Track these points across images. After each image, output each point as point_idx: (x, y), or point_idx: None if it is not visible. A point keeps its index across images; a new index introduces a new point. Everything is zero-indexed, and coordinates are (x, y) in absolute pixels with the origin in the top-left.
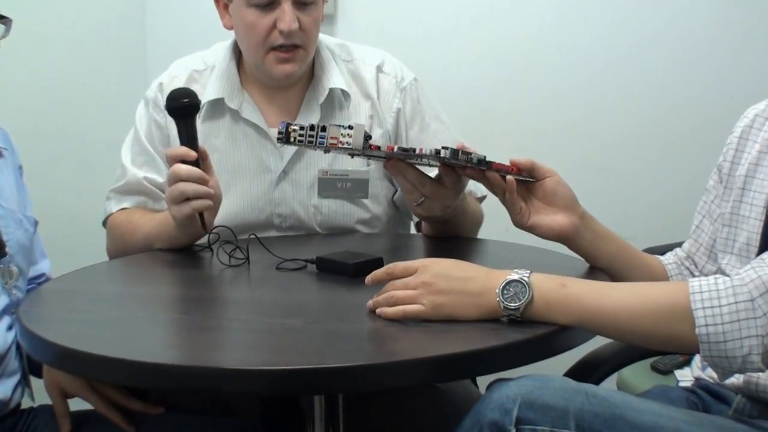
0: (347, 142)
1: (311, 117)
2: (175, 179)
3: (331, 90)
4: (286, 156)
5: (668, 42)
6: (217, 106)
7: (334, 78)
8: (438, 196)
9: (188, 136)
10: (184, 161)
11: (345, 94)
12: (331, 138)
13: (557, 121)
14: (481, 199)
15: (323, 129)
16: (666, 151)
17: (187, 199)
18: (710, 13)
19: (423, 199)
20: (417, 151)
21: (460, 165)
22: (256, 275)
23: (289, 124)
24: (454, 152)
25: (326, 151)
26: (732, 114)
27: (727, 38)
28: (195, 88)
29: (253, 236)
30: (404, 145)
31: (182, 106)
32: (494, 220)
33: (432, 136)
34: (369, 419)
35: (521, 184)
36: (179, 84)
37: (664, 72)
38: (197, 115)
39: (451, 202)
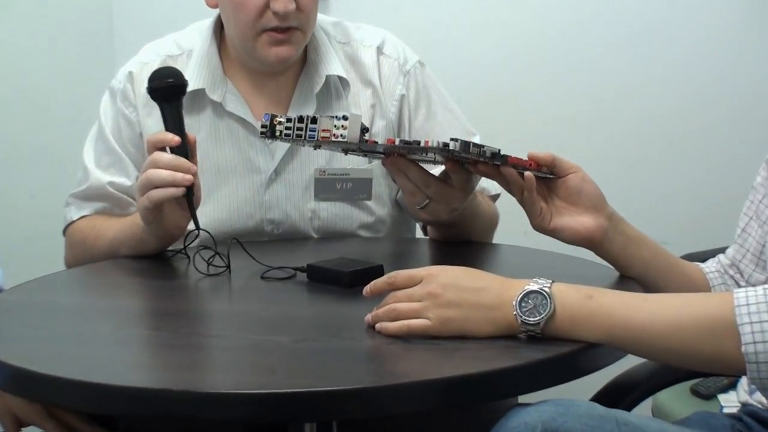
0: (341, 135)
1: (306, 108)
2: (149, 166)
3: (327, 77)
4: (278, 154)
5: (712, 19)
6: (197, 98)
7: (332, 64)
8: (444, 198)
9: (174, 122)
10: (166, 149)
11: (343, 81)
12: (323, 131)
13: (579, 110)
14: (495, 197)
15: (313, 121)
16: (706, 143)
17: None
18: None
19: (427, 202)
20: (422, 144)
21: (470, 160)
22: (238, 285)
23: (273, 116)
24: (465, 144)
25: (316, 146)
26: None
27: None
28: None
29: (235, 241)
30: (408, 138)
31: (167, 87)
32: (510, 221)
33: (439, 126)
34: None
35: (541, 182)
36: (150, 72)
37: (708, 49)
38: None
39: (460, 204)
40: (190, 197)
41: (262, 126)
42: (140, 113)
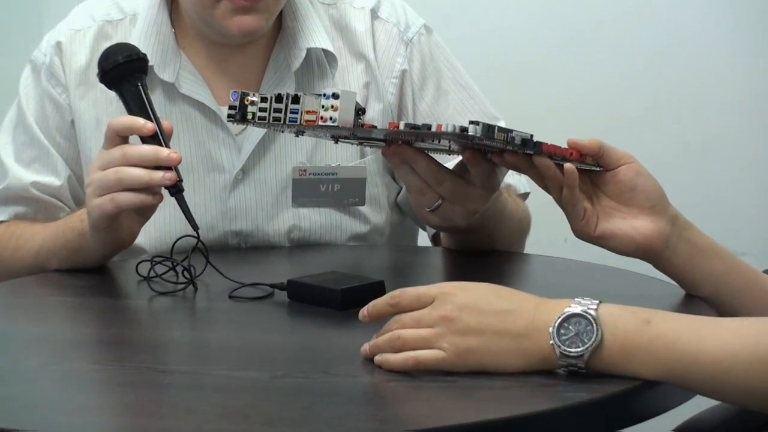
0: (331, 118)
1: (281, 90)
2: (117, 161)
3: (308, 51)
4: (246, 147)
5: None
6: None
7: (314, 33)
8: (461, 198)
9: (140, 106)
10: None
11: (329, 56)
12: (307, 113)
13: (631, 93)
14: (525, 196)
15: (295, 100)
16: None
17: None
18: None
19: (439, 203)
20: (434, 129)
21: (495, 149)
22: (202, 307)
23: (244, 95)
24: (488, 129)
25: (298, 133)
26: None
27: None
28: None
29: (199, 248)
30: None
31: (126, 64)
32: (546, 226)
33: (452, 108)
34: None
35: (584, 176)
36: (84, 42)
37: None
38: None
39: (481, 205)
40: (181, 192)
41: (230, 107)
42: (72, 95)
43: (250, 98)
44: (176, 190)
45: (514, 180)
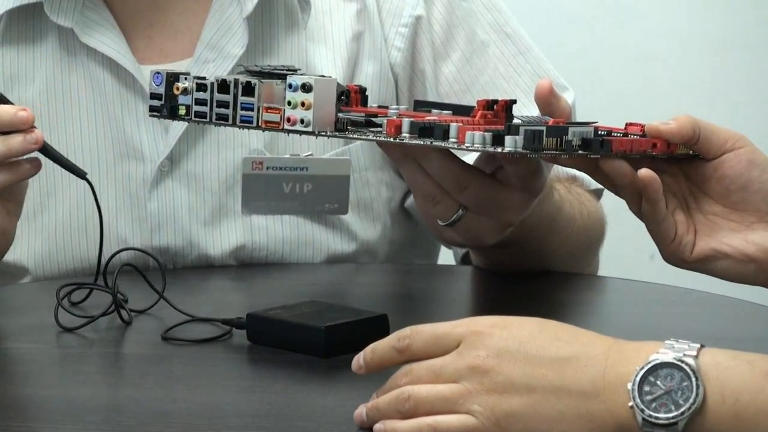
0: (302, 120)
1: (229, 46)
2: None
3: None
4: (178, 123)
5: None
6: (27, 19)
7: None
8: (492, 207)
9: None
10: None
11: None
12: (267, 110)
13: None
14: (599, 193)
15: (247, 89)
16: None
17: None
18: None
19: (460, 213)
20: (453, 140)
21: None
22: (129, 352)
23: (172, 79)
24: (533, 137)
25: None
26: None
27: None
28: None
29: (130, 267)
30: (430, 96)
31: None
32: (625, 235)
33: (491, 69)
34: None
35: (675, 169)
36: None
37: None
38: None
39: (519, 215)
40: (51, 152)
41: (152, 95)
42: None
43: (180, 84)
44: (44, 149)
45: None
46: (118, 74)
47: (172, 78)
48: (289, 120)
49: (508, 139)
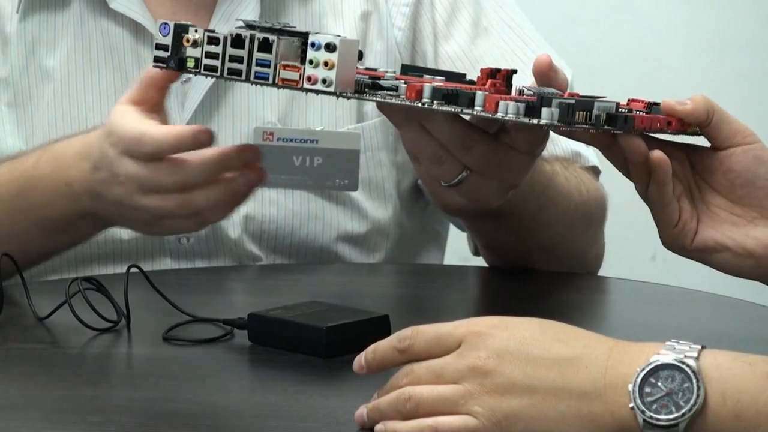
0: (324, 80)
1: (241, 13)
2: (196, 177)
3: None
4: (193, 95)
5: None
6: None
7: None
8: (496, 168)
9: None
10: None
11: None
12: (285, 68)
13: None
14: (596, 170)
15: (264, 46)
16: None
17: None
18: None
19: (464, 175)
20: (480, 108)
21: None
22: (133, 352)
23: (180, 28)
24: (567, 110)
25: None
26: None
27: None
28: None
29: (135, 269)
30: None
31: None
32: (628, 236)
33: (497, 53)
34: None
35: (682, 155)
36: None
37: None
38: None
39: (522, 176)
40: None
41: (157, 46)
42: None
43: (189, 36)
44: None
45: (582, 146)
46: (139, 43)
47: (181, 29)
48: (309, 79)
49: (545, 111)
